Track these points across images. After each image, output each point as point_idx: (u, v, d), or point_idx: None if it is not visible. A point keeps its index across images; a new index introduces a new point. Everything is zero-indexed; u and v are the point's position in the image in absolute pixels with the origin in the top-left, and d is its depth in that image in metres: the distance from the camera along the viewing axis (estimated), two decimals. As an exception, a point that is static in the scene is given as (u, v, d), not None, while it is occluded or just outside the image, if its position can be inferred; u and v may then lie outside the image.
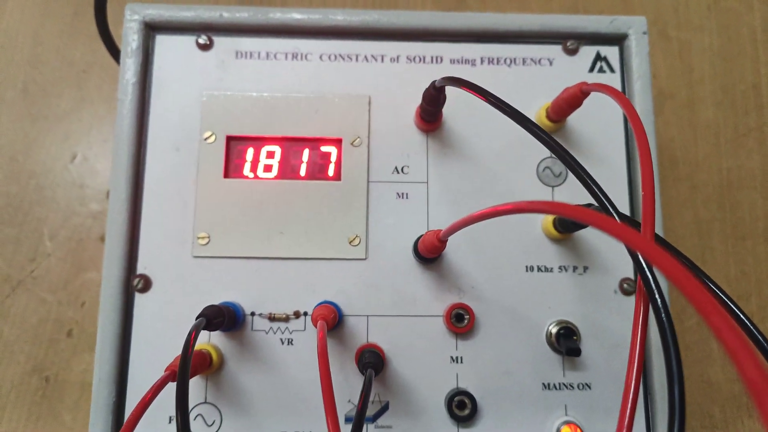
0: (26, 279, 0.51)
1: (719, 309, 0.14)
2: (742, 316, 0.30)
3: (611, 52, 0.43)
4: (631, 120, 0.28)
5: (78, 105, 0.56)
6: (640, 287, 0.26)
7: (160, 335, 0.38)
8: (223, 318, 0.35)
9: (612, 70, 0.43)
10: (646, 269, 0.25)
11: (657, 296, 0.24)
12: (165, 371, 0.31)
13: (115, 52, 0.50)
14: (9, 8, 0.59)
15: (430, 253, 0.37)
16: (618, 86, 0.43)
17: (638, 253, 0.25)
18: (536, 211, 0.22)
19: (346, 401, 0.38)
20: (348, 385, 0.38)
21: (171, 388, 0.30)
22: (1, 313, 0.51)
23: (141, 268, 0.39)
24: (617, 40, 0.43)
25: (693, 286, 0.14)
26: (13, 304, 0.51)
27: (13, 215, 0.53)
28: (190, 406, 0.37)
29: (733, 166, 0.57)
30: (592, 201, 0.30)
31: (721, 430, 0.50)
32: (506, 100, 0.32)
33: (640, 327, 0.26)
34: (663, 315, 0.25)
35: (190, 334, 0.30)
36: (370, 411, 0.38)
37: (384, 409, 0.38)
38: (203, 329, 0.33)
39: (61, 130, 0.56)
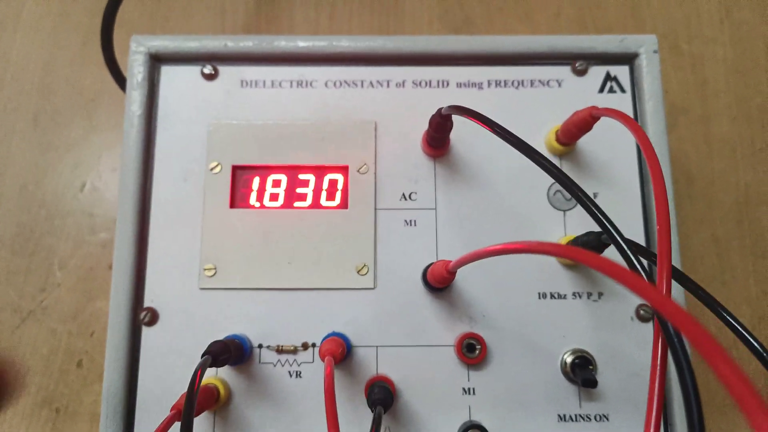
0: (36, 309, 0.51)
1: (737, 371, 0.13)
2: (756, 345, 0.29)
3: (621, 72, 0.42)
4: (644, 148, 0.27)
5: (87, 133, 0.57)
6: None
7: (167, 369, 0.38)
8: (229, 354, 0.34)
9: (623, 90, 0.42)
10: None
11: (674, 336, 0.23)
12: (171, 410, 0.30)
13: (122, 82, 0.50)
14: (19, 39, 0.60)
15: (439, 284, 0.36)
16: (629, 106, 0.42)
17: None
18: (546, 253, 0.21)
19: (356, 435, 0.37)
20: (357, 417, 0.37)
21: (178, 426, 0.30)
22: (11, 344, 0.51)
23: (148, 301, 0.39)
24: (627, 59, 0.42)
25: (714, 351, 0.13)
26: (24, 334, 0.51)
27: (23, 245, 0.53)
28: (198, 442, 0.37)
29: (751, 182, 0.56)
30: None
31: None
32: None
33: (660, 355, 0.25)
34: (677, 344, 0.23)
35: (195, 373, 0.30)
36: (381, 446, 0.37)
37: (395, 443, 0.37)
38: (210, 366, 0.33)
39: (71, 158, 0.56)
